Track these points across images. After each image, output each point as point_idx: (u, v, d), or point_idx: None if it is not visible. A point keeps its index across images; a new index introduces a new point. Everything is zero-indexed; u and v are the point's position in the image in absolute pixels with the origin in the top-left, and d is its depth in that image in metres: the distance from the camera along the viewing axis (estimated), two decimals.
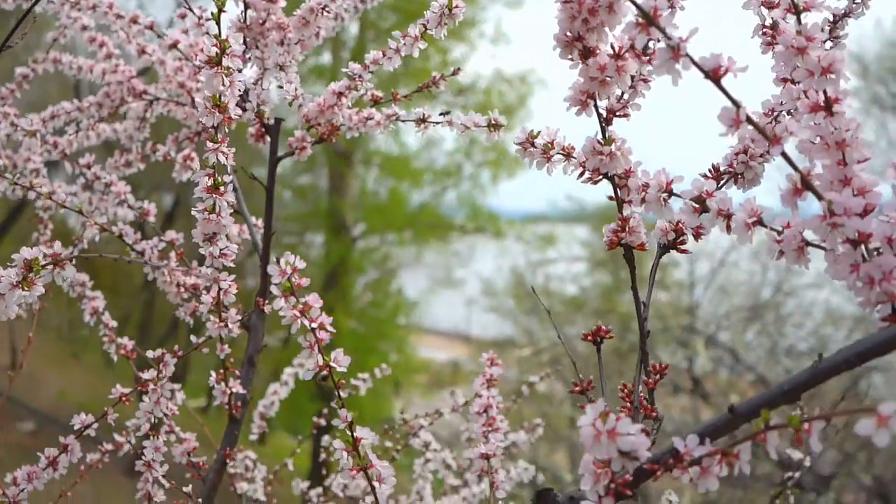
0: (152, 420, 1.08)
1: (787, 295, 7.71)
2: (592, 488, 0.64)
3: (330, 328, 0.76)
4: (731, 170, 0.82)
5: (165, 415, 1.13)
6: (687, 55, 0.60)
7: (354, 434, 0.78)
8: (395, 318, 11.40)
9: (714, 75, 0.61)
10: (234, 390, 1.14)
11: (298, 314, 0.75)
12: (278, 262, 0.74)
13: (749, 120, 0.61)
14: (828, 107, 0.65)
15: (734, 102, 0.61)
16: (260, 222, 1.31)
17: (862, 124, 0.67)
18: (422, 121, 1.12)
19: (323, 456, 1.58)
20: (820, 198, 0.62)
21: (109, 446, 1.27)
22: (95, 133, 1.50)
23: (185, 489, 1.10)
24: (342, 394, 0.78)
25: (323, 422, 1.70)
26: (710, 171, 0.83)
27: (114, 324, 1.26)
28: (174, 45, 1.23)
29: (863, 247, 0.63)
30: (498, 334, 10.43)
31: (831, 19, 0.84)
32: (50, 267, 0.78)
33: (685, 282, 8.34)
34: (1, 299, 0.77)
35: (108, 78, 1.37)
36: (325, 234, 11.19)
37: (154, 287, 1.32)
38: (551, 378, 2.14)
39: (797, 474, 1.25)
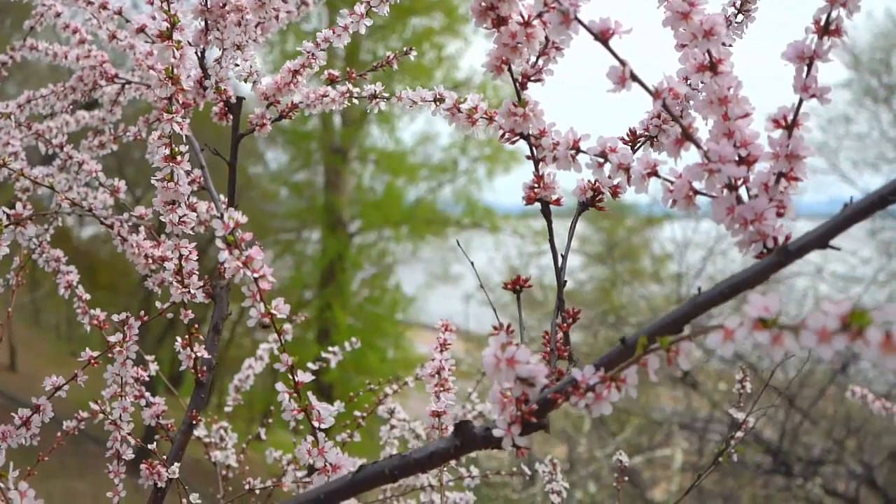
0: (120, 382, 1.14)
1: (779, 284, 7.76)
2: (500, 416, 0.70)
3: (271, 278, 0.82)
4: (646, 133, 0.88)
5: (136, 378, 1.19)
6: (576, 19, 0.66)
7: (296, 378, 0.84)
8: (393, 314, 11.45)
9: (602, 37, 0.67)
10: (199, 355, 1.20)
11: (241, 265, 0.81)
12: (222, 217, 0.80)
13: (633, 77, 0.67)
14: (712, 66, 0.71)
15: (621, 62, 0.67)
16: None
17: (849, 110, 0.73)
18: (373, 97, 1.18)
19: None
20: (699, 147, 0.68)
21: (85, 414, 1.33)
22: (74, 119, 1.56)
23: (150, 446, 1.17)
24: (283, 338, 0.84)
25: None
26: (627, 134, 0.89)
27: (87, 296, 1.32)
28: (141, 30, 1.28)
29: (744, 192, 0.70)
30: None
31: None
32: (12, 227, 0.84)
33: (677, 273, 8.41)
34: None
35: (82, 63, 1.43)
36: (322, 231, 11.25)
37: None
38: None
39: (740, 434, 1.31)
